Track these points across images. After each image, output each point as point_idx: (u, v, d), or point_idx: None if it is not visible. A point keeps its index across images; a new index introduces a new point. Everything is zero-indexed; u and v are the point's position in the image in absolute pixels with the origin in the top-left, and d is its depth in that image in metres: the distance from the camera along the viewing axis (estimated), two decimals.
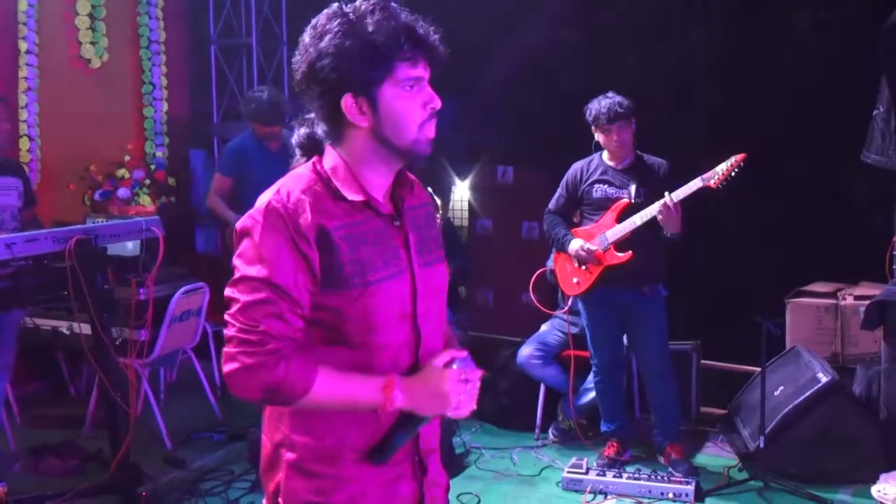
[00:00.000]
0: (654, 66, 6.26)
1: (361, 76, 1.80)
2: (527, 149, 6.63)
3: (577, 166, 4.95)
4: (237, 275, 1.80)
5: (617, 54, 6.23)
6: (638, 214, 4.64)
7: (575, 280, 4.90)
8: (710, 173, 4.50)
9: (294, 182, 1.85)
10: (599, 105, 4.72)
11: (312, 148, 1.94)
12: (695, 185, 4.52)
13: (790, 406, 4.70)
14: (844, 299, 5.30)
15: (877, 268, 5.07)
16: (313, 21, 1.86)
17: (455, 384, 1.85)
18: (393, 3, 1.84)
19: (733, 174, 4.44)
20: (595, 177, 4.85)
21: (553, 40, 6.57)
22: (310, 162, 1.91)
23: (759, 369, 4.81)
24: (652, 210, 4.58)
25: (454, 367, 1.87)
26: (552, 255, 5.25)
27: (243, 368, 1.74)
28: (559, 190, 5.00)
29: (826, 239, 5.57)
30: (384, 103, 1.83)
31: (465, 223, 7.05)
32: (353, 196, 1.85)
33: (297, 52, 1.88)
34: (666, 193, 4.52)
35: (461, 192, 7.10)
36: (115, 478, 4.31)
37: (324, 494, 1.87)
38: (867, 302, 4.80)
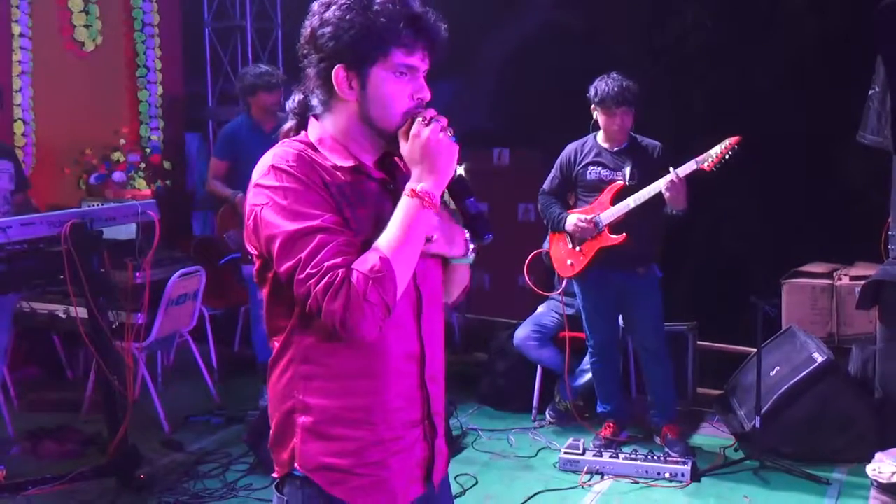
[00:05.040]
0: (649, 47, 6.26)
1: (355, 52, 1.82)
2: (522, 131, 6.62)
3: (571, 147, 4.93)
4: (279, 245, 1.77)
5: (612, 35, 6.21)
6: (632, 197, 4.63)
7: (569, 262, 4.90)
8: (703, 156, 4.47)
9: (284, 149, 1.87)
10: (607, 86, 4.63)
11: (304, 114, 1.96)
12: (688, 167, 4.50)
13: (786, 386, 4.72)
14: (840, 280, 5.30)
15: (872, 248, 5.08)
16: None
17: (425, 129, 1.83)
18: None
19: (727, 157, 4.42)
20: (589, 158, 4.83)
21: (548, 22, 6.56)
22: (291, 139, 1.92)
23: (754, 350, 4.82)
24: (647, 192, 4.56)
25: (415, 123, 1.84)
26: (548, 237, 5.25)
27: (344, 315, 1.72)
28: (553, 171, 4.98)
29: (822, 219, 5.58)
30: (373, 84, 1.84)
31: None
32: (342, 162, 1.88)
33: (306, 17, 1.89)
34: (671, 169, 4.48)
35: (459, 171, 7.07)
36: (114, 461, 4.33)
37: (341, 457, 1.88)
38: (862, 282, 4.81)
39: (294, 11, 7.23)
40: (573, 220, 4.77)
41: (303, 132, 1.95)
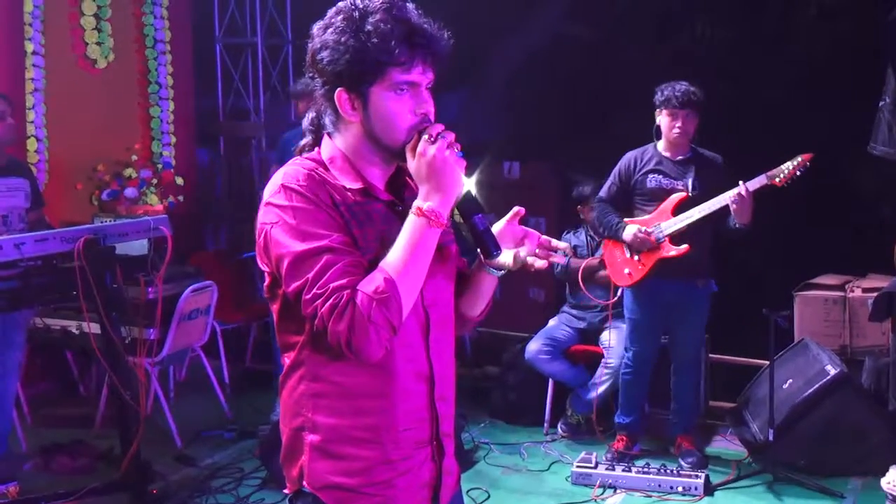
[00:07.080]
0: (658, 60, 6.25)
1: (353, 75, 1.83)
2: (533, 144, 6.62)
3: (630, 155, 4.88)
4: (287, 265, 1.79)
5: (622, 48, 6.22)
6: (697, 208, 4.60)
7: (626, 271, 4.81)
8: (775, 171, 4.47)
9: (295, 168, 1.89)
10: (673, 88, 4.66)
11: (318, 131, 1.98)
12: (758, 182, 4.48)
13: (799, 399, 4.70)
14: (852, 291, 5.29)
15: (884, 260, 5.05)
16: (328, 11, 1.88)
17: (430, 147, 1.82)
18: (406, 3, 1.85)
19: (798, 174, 4.43)
20: (650, 166, 4.78)
21: (558, 35, 6.57)
22: (303, 157, 1.94)
23: (767, 362, 4.80)
24: (713, 204, 4.53)
25: (421, 140, 1.83)
26: (603, 244, 5.24)
27: (349, 336, 1.73)
28: (611, 178, 4.92)
29: (833, 231, 5.55)
30: (374, 103, 1.85)
31: None
32: (351, 184, 1.89)
33: (308, 40, 1.92)
34: (740, 183, 4.46)
35: (467, 187, 7.06)
36: (126, 476, 4.33)
37: (348, 476, 1.89)
38: (875, 294, 4.79)
39: (305, 28, 7.23)
40: (632, 230, 4.71)
41: (316, 149, 1.96)
